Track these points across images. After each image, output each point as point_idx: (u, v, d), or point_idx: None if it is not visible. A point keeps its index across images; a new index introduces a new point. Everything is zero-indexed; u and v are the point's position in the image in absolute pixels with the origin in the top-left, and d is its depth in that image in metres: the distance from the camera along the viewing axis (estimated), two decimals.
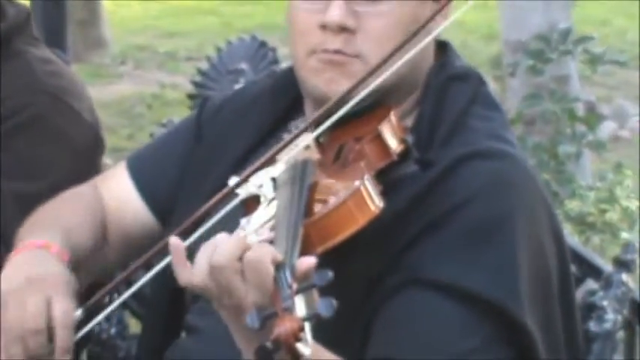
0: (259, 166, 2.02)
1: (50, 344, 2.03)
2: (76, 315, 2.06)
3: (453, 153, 2.08)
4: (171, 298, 2.31)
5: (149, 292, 2.48)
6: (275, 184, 1.96)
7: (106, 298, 2.15)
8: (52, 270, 2.11)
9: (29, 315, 2.03)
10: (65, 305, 2.04)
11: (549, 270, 2.10)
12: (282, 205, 1.89)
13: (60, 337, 2.03)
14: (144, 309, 2.65)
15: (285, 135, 2.14)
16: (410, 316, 2.01)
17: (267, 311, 1.70)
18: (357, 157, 2.04)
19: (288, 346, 1.67)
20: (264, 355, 1.68)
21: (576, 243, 3.01)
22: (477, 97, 2.17)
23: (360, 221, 1.91)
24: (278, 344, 1.66)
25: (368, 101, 2.09)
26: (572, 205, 4.25)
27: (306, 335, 1.68)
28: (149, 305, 2.47)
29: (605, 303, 2.33)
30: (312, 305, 1.70)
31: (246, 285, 1.76)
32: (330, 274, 1.71)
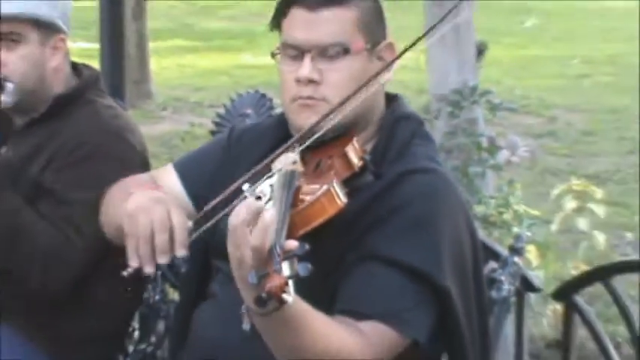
0: (256, 171, 2.04)
1: (171, 242, 2.03)
2: (189, 224, 2.07)
3: (398, 169, 2.10)
4: (200, 271, 2.30)
5: (183, 268, 2.45)
6: (272, 188, 1.94)
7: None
8: (167, 197, 2.14)
9: (156, 220, 2.02)
10: (180, 215, 2.06)
11: (464, 252, 2.10)
12: (276, 201, 1.88)
13: (178, 235, 2.03)
14: (179, 281, 2.68)
15: (279, 156, 2.10)
16: (364, 281, 2.01)
17: (262, 272, 1.72)
18: (329, 169, 2.06)
19: (276, 296, 1.71)
20: (260, 303, 1.71)
21: (482, 235, 3.04)
22: (417, 132, 2.19)
23: (330, 212, 1.94)
24: (270, 294, 1.70)
25: (337, 132, 2.10)
26: (479, 209, 4.36)
27: (290, 289, 1.72)
28: (183, 277, 2.43)
29: (503, 278, 2.33)
30: (294, 268, 1.72)
31: (248, 249, 1.75)
32: (307, 246, 1.73)
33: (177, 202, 2.16)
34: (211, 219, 2.07)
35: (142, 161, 2.70)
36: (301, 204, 1.94)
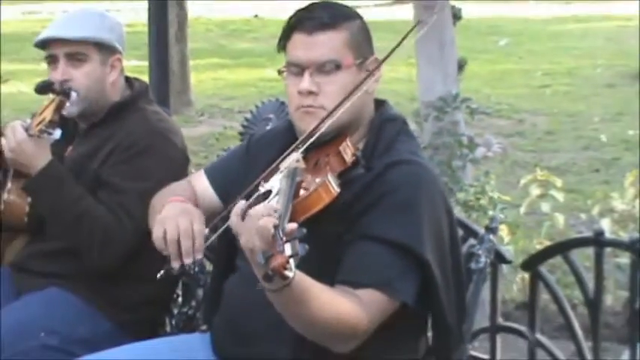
0: (269, 171, 2.05)
1: (193, 247, 2.05)
2: (206, 232, 2.09)
3: (385, 161, 2.08)
4: (227, 249, 2.26)
5: (217, 244, 2.41)
6: (280, 182, 1.94)
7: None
8: (191, 208, 2.15)
9: (182, 228, 2.05)
10: (200, 225, 2.08)
11: (442, 230, 2.08)
12: (281, 192, 1.88)
13: (197, 243, 2.05)
14: (213, 255, 2.54)
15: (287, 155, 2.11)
16: (360, 256, 2.01)
17: (268, 253, 1.72)
18: (326, 164, 2.04)
19: (280, 272, 1.72)
20: (267, 279, 1.73)
21: (463, 217, 3.21)
22: (401, 131, 2.16)
23: (326, 200, 1.94)
24: (274, 271, 1.71)
25: (334, 134, 2.09)
26: (460, 196, 4.34)
27: (291, 266, 1.72)
28: (217, 253, 2.39)
29: (480, 252, 2.32)
30: (295, 249, 1.72)
31: (257, 236, 1.77)
32: (305, 230, 1.73)
33: (200, 203, 2.18)
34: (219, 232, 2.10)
35: (183, 157, 2.69)
36: (301, 194, 1.93)
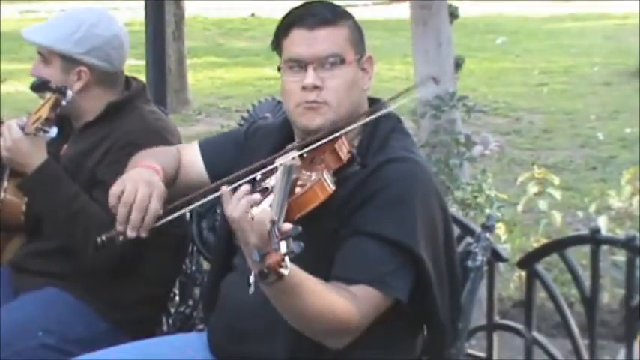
0: (263, 166, 2.05)
1: (141, 222, 2.06)
2: (160, 212, 2.07)
3: (379, 159, 2.07)
4: (225, 247, 2.26)
5: (214, 243, 2.50)
6: (275, 178, 1.94)
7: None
8: (157, 182, 2.12)
9: (139, 198, 2.05)
10: (157, 204, 2.07)
11: (436, 227, 2.07)
12: (277, 190, 1.87)
13: (148, 220, 2.06)
14: (211, 254, 2.61)
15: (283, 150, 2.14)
16: (354, 252, 2.00)
17: (263, 250, 1.73)
18: (322, 162, 2.04)
19: (275, 270, 1.72)
20: (262, 276, 1.73)
21: (460, 216, 3.20)
22: (395, 128, 2.16)
23: (321, 198, 1.94)
24: (269, 268, 1.71)
25: (330, 131, 2.08)
26: (457, 194, 4.33)
27: (286, 263, 1.72)
28: (213, 252, 2.42)
29: (477, 250, 2.31)
30: (290, 246, 1.72)
31: (252, 233, 1.77)
32: (300, 228, 1.73)
33: (162, 189, 2.13)
34: (183, 210, 2.10)
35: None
36: (297, 192, 1.93)
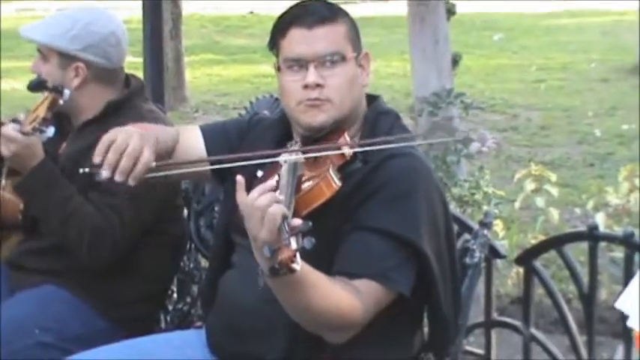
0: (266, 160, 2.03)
1: (131, 170, 2.03)
2: (152, 163, 2.05)
3: (381, 154, 2.07)
4: (223, 245, 2.26)
5: (212, 241, 2.51)
6: (279, 175, 1.93)
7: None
8: (153, 138, 2.11)
9: (130, 146, 2.02)
10: (150, 154, 2.05)
11: (438, 222, 2.07)
12: (283, 186, 1.87)
13: (138, 169, 2.03)
14: (209, 252, 2.62)
15: (284, 149, 2.12)
16: (357, 247, 2.00)
17: (274, 246, 1.73)
18: (326, 158, 2.04)
19: (287, 266, 1.73)
20: (274, 272, 1.74)
21: (458, 212, 3.16)
22: (395, 124, 2.16)
23: (328, 194, 1.94)
24: (281, 265, 1.72)
25: (330, 128, 2.10)
26: (455, 191, 4.35)
27: (297, 259, 1.73)
28: (212, 249, 2.41)
29: (474, 247, 2.31)
30: (300, 242, 1.72)
31: (263, 227, 1.76)
32: (310, 224, 1.73)
33: (155, 144, 2.11)
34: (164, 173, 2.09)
35: None
36: (304, 188, 1.93)
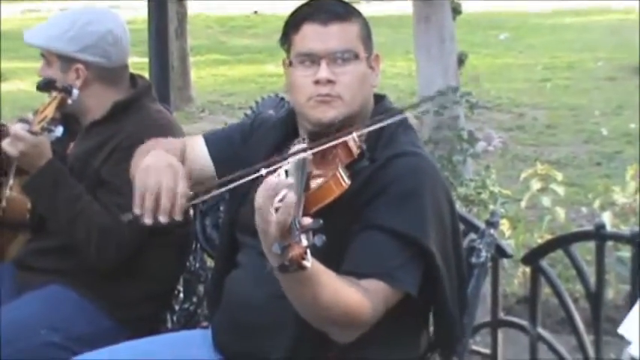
0: (280, 160, 2.01)
1: (172, 207, 2.01)
2: (190, 193, 2.03)
3: (387, 153, 2.08)
4: (229, 244, 2.26)
5: (218, 241, 2.49)
6: (287, 172, 1.92)
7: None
8: (179, 165, 2.11)
9: (164, 184, 2.01)
10: (185, 184, 2.04)
11: (445, 221, 2.07)
12: (292, 183, 1.84)
13: (179, 203, 2.00)
14: (214, 251, 2.63)
15: (290, 145, 2.13)
16: (364, 246, 2.01)
17: (284, 243, 1.72)
18: (335, 157, 2.04)
19: (297, 262, 1.71)
20: (284, 269, 1.73)
21: (464, 212, 3.14)
22: (401, 124, 2.15)
23: (337, 192, 1.93)
24: (292, 262, 1.71)
25: (338, 125, 2.09)
26: (461, 190, 4.33)
27: (308, 256, 1.73)
28: (217, 249, 2.42)
29: (481, 246, 2.30)
30: (311, 240, 1.72)
31: (274, 223, 1.75)
32: (321, 221, 1.74)
33: (192, 164, 2.14)
34: (213, 193, 2.06)
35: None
36: (313, 186, 1.93)
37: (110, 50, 2.67)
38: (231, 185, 2.01)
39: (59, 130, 2.50)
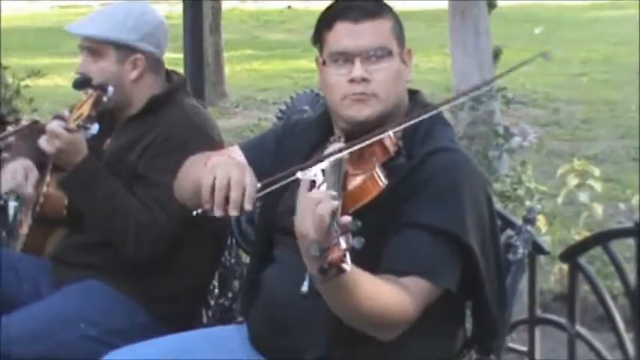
0: (316, 161, 1.97)
1: (242, 198, 1.99)
2: (258, 185, 2.02)
3: (425, 149, 2.08)
4: (264, 242, 2.27)
5: (253, 236, 2.53)
6: (324, 172, 1.91)
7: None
8: (245, 163, 2.13)
9: (233, 178, 2.00)
10: (253, 177, 2.02)
11: (483, 217, 2.07)
12: (330, 184, 1.86)
13: (249, 193, 1.99)
14: (250, 247, 2.62)
15: (327, 145, 2.12)
16: (403, 244, 2.01)
17: (323, 245, 1.72)
18: (371, 155, 2.03)
19: (337, 266, 1.71)
20: (322, 272, 1.73)
21: (500, 208, 3.05)
22: (437, 119, 2.14)
23: (374, 192, 1.93)
24: (331, 265, 1.71)
25: (375, 122, 2.08)
26: (497, 186, 4.29)
27: (347, 259, 1.72)
28: (254, 244, 2.43)
29: (518, 243, 2.28)
30: (350, 242, 1.71)
31: (312, 225, 1.76)
32: (359, 224, 1.73)
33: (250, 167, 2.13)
34: (278, 184, 2.03)
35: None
36: (350, 187, 1.92)
37: (162, 40, 2.69)
38: (274, 187, 2.01)
39: (95, 128, 2.51)
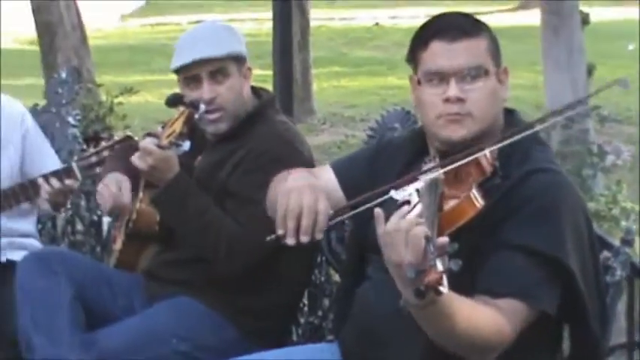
0: (411, 179, 1.96)
1: (313, 226, 2.01)
2: (330, 212, 2.03)
3: (523, 169, 2.05)
4: (357, 261, 2.28)
5: (343, 256, 2.56)
6: (419, 192, 1.90)
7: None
8: (319, 185, 2.16)
9: (306, 204, 2.02)
10: (325, 204, 2.05)
11: (583, 239, 2.04)
12: (425, 205, 1.85)
13: (320, 222, 2.02)
14: (340, 266, 2.68)
15: (422, 164, 2.10)
16: (499, 265, 1.98)
17: (420, 267, 1.70)
18: (467, 175, 2.01)
19: (435, 288, 1.69)
20: (419, 294, 1.70)
21: (595, 228, 3.14)
22: (535, 140, 2.12)
23: (470, 214, 1.91)
24: (428, 287, 1.69)
25: (471, 142, 2.06)
26: (591, 205, 4.17)
27: (444, 281, 1.70)
28: (346, 262, 2.44)
29: (615, 265, 2.25)
30: (446, 264, 1.69)
31: (407, 249, 1.76)
32: (457, 245, 1.71)
33: (326, 190, 2.15)
34: (352, 212, 2.06)
35: (310, 166, 2.62)
36: (446, 208, 1.90)
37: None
38: (368, 205, 2.00)
39: (186, 145, 2.55)
